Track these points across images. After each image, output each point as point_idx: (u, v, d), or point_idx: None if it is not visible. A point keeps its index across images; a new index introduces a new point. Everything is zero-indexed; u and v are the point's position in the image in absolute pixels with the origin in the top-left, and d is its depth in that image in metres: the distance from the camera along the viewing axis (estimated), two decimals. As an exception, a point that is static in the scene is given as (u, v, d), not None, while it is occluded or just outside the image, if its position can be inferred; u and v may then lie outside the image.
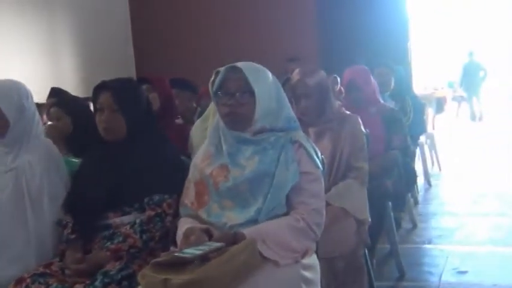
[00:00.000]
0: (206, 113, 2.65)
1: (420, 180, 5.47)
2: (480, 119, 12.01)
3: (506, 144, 7.91)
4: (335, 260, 2.33)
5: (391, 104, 4.03)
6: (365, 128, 2.75)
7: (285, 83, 2.74)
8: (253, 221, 1.68)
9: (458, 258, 3.46)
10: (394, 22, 6.72)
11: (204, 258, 1.47)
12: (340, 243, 2.35)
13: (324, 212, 1.78)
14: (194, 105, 3.91)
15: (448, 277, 3.19)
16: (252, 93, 1.72)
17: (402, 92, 4.73)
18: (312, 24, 6.69)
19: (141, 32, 7.14)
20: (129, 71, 6.62)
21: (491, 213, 4.41)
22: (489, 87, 12.98)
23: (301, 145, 1.78)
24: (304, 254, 1.71)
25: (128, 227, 1.90)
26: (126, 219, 1.95)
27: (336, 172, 2.54)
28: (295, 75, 2.69)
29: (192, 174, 1.87)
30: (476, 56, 12.25)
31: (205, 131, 2.24)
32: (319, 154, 1.85)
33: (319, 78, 2.62)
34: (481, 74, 11.99)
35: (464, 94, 12.32)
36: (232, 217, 1.71)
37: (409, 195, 4.35)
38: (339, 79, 4.17)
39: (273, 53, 6.08)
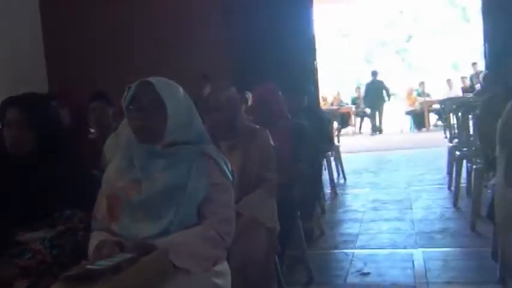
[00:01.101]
0: (119, 128, 2.62)
1: (327, 190, 5.69)
2: (380, 132, 12.63)
3: (403, 156, 8.38)
4: (247, 267, 2.35)
5: (303, 120, 4.14)
6: (274, 142, 2.82)
7: (198, 99, 2.77)
8: (165, 233, 1.67)
9: (361, 261, 3.60)
10: (301, 43, 6.95)
11: (116, 270, 1.44)
12: (251, 250, 2.39)
13: (234, 221, 1.80)
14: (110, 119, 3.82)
15: (352, 279, 3.30)
16: (163, 107, 1.72)
17: (312, 108, 4.93)
18: (226, 44, 6.78)
19: (54, 49, 6.92)
20: (42, 87, 6.37)
21: (390, 219, 4.60)
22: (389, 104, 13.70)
23: (211, 158, 1.80)
24: (215, 262, 1.72)
25: (37, 243, 1.82)
26: (36, 235, 1.87)
27: (247, 183, 2.58)
28: (207, 90, 2.74)
29: (104, 188, 1.83)
30: (378, 76, 12.93)
31: (118, 146, 2.21)
32: (229, 166, 1.87)
33: (229, 94, 2.68)
34: (384, 92, 12.66)
35: (368, 110, 12.93)
36: (144, 229, 1.69)
37: (317, 204, 4.52)
38: (250, 95, 4.25)
39: (189, 71, 6.10)
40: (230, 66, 6.69)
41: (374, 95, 12.63)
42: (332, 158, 6.14)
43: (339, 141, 6.98)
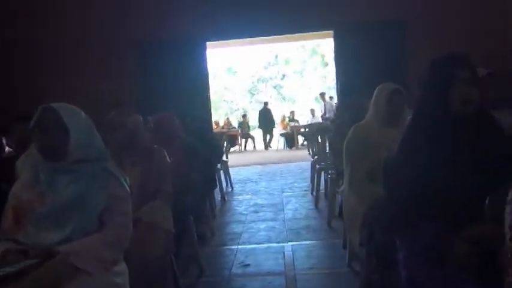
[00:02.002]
0: (30, 147, 2.41)
1: (217, 197, 5.67)
2: (269, 148, 13.07)
3: (278, 168, 8.62)
4: (147, 264, 2.26)
5: (196, 140, 4.12)
6: (171, 159, 2.77)
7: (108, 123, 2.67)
8: (68, 240, 1.56)
9: (243, 255, 3.61)
10: (197, 78, 6.99)
11: (20, 274, 1.32)
12: (151, 249, 2.30)
13: (131, 227, 1.73)
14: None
15: (236, 270, 3.30)
16: (65, 129, 1.62)
17: (205, 130, 4.96)
18: (137, 76, 6.62)
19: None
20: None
21: (267, 219, 4.68)
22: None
23: (111, 173, 1.72)
24: (114, 263, 1.63)
25: None
26: None
27: (147, 194, 2.49)
28: (114, 114, 2.67)
29: (11, 201, 1.66)
30: (269, 105, 13.71)
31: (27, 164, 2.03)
32: (128, 180, 1.80)
33: (132, 118, 2.63)
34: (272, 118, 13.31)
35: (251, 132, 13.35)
36: (49, 237, 1.56)
37: (209, 210, 4.48)
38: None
39: (104, 97, 5.85)
40: (140, 95, 6.54)
41: (265, 120, 13.28)
42: (222, 171, 6.16)
43: (227, 157, 7.00)
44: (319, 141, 5.24)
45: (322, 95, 12.53)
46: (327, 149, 4.66)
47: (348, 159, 2.61)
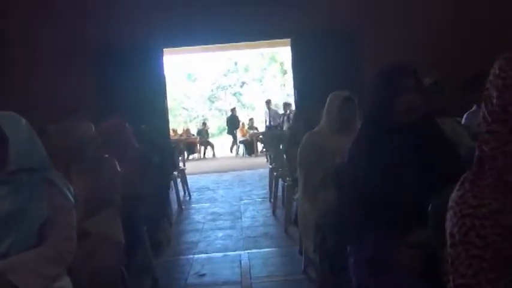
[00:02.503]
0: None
1: (174, 206, 5.58)
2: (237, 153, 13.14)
3: (237, 176, 8.59)
4: (97, 278, 2.17)
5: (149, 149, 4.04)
6: (124, 168, 2.70)
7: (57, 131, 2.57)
8: (5, 255, 1.47)
9: (199, 264, 3.55)
10: (154, 86, 6.87)
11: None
12: (101, 263, 2.21)
13: (75, 240, 1.65)
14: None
15: (191, 280, 3.24)
16: (4, 138, 1.53)
17: (159, 138, 4.88)
18: (94, 84, 6.43)
19: None
20: None
21: (224, 228, 4.64)
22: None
23: (53, 183, 1.63)
24: (56, 279, 1.54)
25: None
26: None
27: (95, 204, 2.40)
28: (64, 122, 2.58)
29: None
30: (236, 112, 14.23)
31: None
32: (72, 190, 1.72)
33: (83, 126, 2.55)
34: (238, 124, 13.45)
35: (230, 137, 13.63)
36: (-15, 253, 1.47)
37: (165, 219, 4.39)
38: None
39: (62, 104, 5.65)
40: (96, 102, 6.34)
41: (232, 126, 13.44)
42: (179, 180, 6.07)
43: (184, 165, 6.91)
44: (275, 148, 5.27)
45: (268, 102, 12.51)
46: (284, 156, 4.68)
47: (301, 166, 2.63)
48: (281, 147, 5.16)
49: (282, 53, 20.78)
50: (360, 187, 1.63)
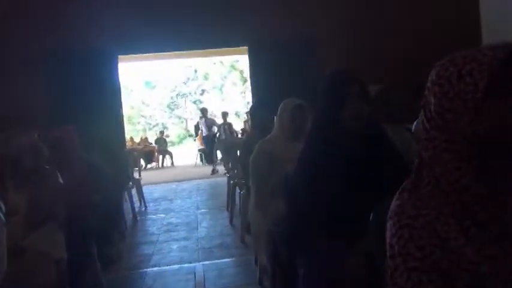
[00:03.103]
0: None
1: (129, 217, 5.41)
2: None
3: (195, 185, 8.46)
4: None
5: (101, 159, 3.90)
6: (71, 178, 2.57)
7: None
8: None
9: (152, 278, 3.45)
10: (109, 94, 6.68)
11: None
12: (38, 282, 2.08)
13: (5, 259, 1.53)
14: None
15: (143, 295, 3.13)
16: None
17: (112, 148, 4.73)
18: (43, 88, 6.16)
19: None
20: None
21: (180, 239, 4.53)
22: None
23: None
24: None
25: None
26: None
27: (35, 219, 2.26)
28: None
29: None
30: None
31: None
32: (2, 206, 1.60)
33: (25, 137, 2.41)
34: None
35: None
36: None
37: (117, 232, 4.22)
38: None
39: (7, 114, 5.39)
40: (48, 112, 6.07)
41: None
42: (134, 190, 5.90)
43: (140, 175, 6.74)
44: (231, 157, 5.22)
45: (203, 110, 11.93)
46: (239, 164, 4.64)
47: (253, 175, 2.59)
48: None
49: (242, 61, 20.82)
50: (308, 196, 1.60)
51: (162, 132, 14.11)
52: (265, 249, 2.38)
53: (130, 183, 5.62)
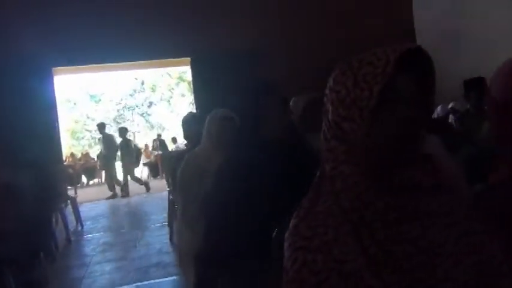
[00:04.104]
0: None
1: (62, 237, 5.08)
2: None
3: (138, 200, 8.15)
4: None
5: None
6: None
7: None
8: None
9: (79, 304, 3.20)
10: (42, 105, 6.33)
11: None
12: None
13: None
14: None
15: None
16: None
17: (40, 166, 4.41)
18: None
19: None
20: None
21: (115, 259, 4.29)
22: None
23: None
24: None
25: None
26: None
27: None
28: None
29: None
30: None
31: None
32: None
33: None
34: None
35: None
36: None
37: (44, 254, 3.92)
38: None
39: None
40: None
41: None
42: (68, 208, 5.56)
43: (76, 193, 6.38)
44: (171, 169, 5.03)
45: (101, 126, 9.58)
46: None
47: (180, 190, 2.45)
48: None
49: (190, 73, 20.59)
50: (223, 210, 1.49)
51: (106, 146, 13.56)
52: (191, 268, 2.23)
53: (68, 201, 5.29)
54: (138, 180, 9.45)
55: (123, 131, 9.55)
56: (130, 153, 9.12)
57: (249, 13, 6.51)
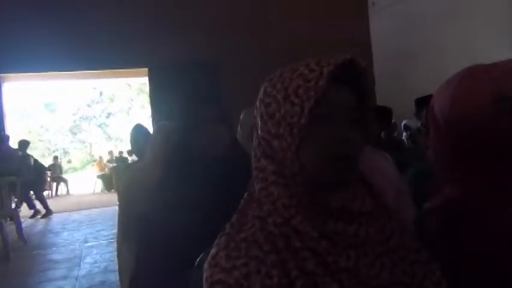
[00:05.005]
0: None
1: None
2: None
3: (89, 215, 7.81)
4: None
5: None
6: None
7: None
8: None
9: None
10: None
11: None
12: None
13: None
14: None
15: None
16: None
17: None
18: None
19: None
20: None
21: (56, 279, 4.01)
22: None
23: None
24: None
25: None
26: None
27: None
28: None
29: None
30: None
31: None
32: None
33: None
34: None
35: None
36: None
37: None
38: None
39: None
40: None
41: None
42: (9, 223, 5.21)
43: (18, 206, 6.00)
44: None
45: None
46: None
47: (119, 204, 2.29)
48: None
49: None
50: (157, 232, 1.37)
51: (56, 158, 13.00)
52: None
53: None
54: (32, 204, 7.81)
55: (23, 145, 7.60)
56: (28, 170, 7.30)
57: (207, 24, 6.43)
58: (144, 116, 23.78)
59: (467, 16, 4.81)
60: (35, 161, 8.50)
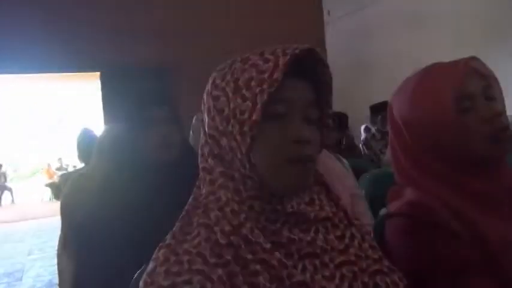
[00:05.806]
0: None
1: None
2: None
3: (36, 225, 7.39)
4: None
5: None
6: None
7: None
8: None
9: None
10: None
11: None
12: None
13: None
14: None
15: None
16: None
17: None
18: None
19: None
20: None
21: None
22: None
23: None
24: None
25: None
26: None
27: None
28: None
29: None
30: None
31: None
32: None
33: None
34: None
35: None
36: None
37: None
38: None
39: None
40: None
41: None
42: None
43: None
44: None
45: None
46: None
47: (62, 214, 2.13)
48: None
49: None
50: (99, 241, 1.25)
51: (0, 166, 12.28)
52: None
53: None
54: None
55: None
56: None
57: (161, 27, 6.29)
58: (96, 120, 23.14)
59: (423, 27, 4.93)
60: None
